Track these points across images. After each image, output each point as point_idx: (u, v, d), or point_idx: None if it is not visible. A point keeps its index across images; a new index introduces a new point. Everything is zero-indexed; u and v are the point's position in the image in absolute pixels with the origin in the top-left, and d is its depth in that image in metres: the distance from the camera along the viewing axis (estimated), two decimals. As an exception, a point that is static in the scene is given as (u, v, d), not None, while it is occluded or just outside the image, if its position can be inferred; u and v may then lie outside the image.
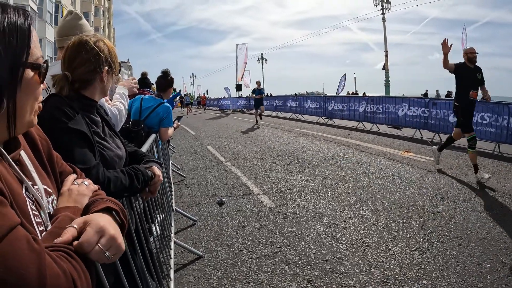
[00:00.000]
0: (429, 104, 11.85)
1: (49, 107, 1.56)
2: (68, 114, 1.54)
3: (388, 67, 28.01)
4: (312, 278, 3.30)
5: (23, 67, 0.85)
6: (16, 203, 0.78)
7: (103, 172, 1.54)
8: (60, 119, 1.51)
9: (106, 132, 1.83)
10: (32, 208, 0.87)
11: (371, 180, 6.43)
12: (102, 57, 1.70)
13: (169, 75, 4.65)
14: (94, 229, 0.89)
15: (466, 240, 3.88)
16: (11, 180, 0.81)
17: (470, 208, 4.87)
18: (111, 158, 1.72)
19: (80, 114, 1.61)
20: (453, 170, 7.03)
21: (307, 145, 10.70)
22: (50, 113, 1.53)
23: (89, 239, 0.87)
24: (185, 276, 3.50)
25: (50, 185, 1.05)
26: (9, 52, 0.81)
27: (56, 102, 1.58)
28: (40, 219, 0.90)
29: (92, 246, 0.87)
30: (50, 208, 0.99)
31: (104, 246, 0.89)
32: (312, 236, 4.18)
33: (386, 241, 3.94)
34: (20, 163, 0.94)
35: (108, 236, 0.91)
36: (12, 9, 0.85)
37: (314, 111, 20.03)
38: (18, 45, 0.83)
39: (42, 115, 1.58)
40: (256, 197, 5.80)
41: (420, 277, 3.20)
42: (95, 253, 0.87)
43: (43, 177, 1.03)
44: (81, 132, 1.54)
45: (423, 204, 5.07)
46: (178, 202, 5.74)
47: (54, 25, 28.93)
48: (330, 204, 5.28)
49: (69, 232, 0.87)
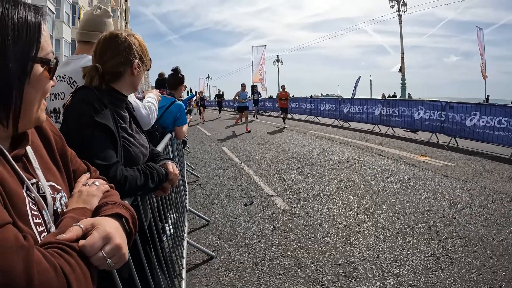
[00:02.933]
0: (445, 108, 11.69)
1: (77, 100, 1.58)
2: (95, 108, 1.54)
3: (404, 69, 27.74)
4: (324, 282, 3.28)
5: (32, 61, 0.85)
6: (13, 202, 0.78)
7: (121, 171, 1.54)
8: (87, 112, 1.52)
9: (133, 128, 1.84)
10: (32, 208, 0.85)
11: (386, 184, 6.37)
12: (134, 50, 1.72)
13: (179, 73, 4.66)
14: (100, 234, 0.88)
15: (481, 247, 3.82)
16: (10, 179, 0.80)
17: (486, 214, 4.78)
18: (136, 154, 1.73)
19: (109, 109, 1.61)
20: (469, 175, 6.92)
21: (322, 147, 10.65)
22: (78, 105, 1.55)
23: (93, 243, 0.86)
24: (197, 276, 3.51)
25: (60, 181, 1.05)
26: (18, 46, 0.81)
27: (85, 94, 1.59)
28: (40, 219, 0.88)
29: (95, 251, 0.85)
30: (57, 205, 0.99)
31: (107, 254, 0.87)
32: (325, 239, 4.16)
33: (400, 246, 3.90)
34: (25, 160, 0.93)
35: (113, 244, 0.89)
36: (22, 5, 0.85)
37: (329, 114, 19.93)
38: (28, 39, 0.84)
39: (69, 107, 1.61)
40: (270, 199, 5.80)
41: (434, 284, 3.16)
42: (96, 259, 0.86)
43: (51, 173, 1.03)
44: (106, 127, 1.54)
45: (439, 210, 5.00)
46: (192, 202, 5.77)
47: (72, 25, 29.43)
48: (344, 207, 5.25)
49: (74, 231, 0.86)
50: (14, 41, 0.80)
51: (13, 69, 0.80)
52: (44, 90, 0.93)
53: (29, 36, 0.85)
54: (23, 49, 0.83)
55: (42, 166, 0.99)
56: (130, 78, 1.76)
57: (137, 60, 1.74)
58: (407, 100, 15.21)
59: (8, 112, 0.82)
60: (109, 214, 1.00)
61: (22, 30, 0.83)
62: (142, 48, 1.79)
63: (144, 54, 1.80)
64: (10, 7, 0.82)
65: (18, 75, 0.82)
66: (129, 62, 1.72)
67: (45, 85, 0.93)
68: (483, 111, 10.23)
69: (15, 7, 0.83)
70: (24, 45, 0.83)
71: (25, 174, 0.89)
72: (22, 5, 0.85)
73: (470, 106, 10.84)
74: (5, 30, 0.79)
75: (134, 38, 1.76)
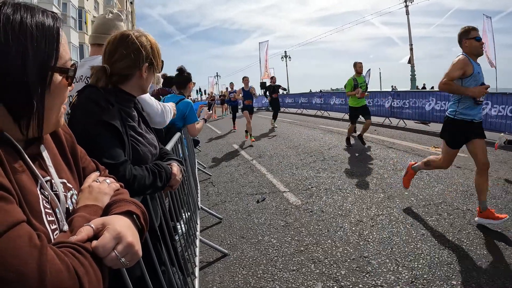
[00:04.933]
0: (457, 98, 11.51)
1: (84, 99, 1.57)
2: (102, 107, 1.54)
3: (413, 61, 27.46)
4: (338, 277, 3.27)
5: (52, 71, 0.86)
6: (27, 200, 0.79)
7: (130, 170, 1.54)
8: (94, 111, 1.52)
9: (142, 127, 1.83)
10: (45, 206, 0.86)
11: (398, 177, 6.29)
12: (143, 53, 1.69)
13: (184, 71, 4.67)
14: (111, 234, 0.89)
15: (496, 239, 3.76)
16: (24, 177, 0.82)
17: (501, 205, 4.71)
18: (144, 153, 1.73)
19: (116, 107, 1.61)
20: (484, 166, 6.81)
21: (333, 142, 10.60)
22: (84, 104, 1.55)
23: (105, 244, 0.86)
24: (210, 274, 3.52)
25: (71, 179, 1.06)
26: (38, 56, 0.82)
27: (92, 93, 1.59)
28: (53, 217, 0.89)
29: (108, 252, 0.86)
30: (69, 203, 1.00)
31: (120, 253, 0.88)
32: (338, 234, 4.15)
33: (414, 240, 3.87)
34: (39, 158, 0.95)
35: (125, 243, 0.90)
36: (41, 12, 0.86)
37: (339, 108, 19.76)
38: (47, 49, 0.85)
39: (76, 106, 1.61)
40: (282, 195, 5.79)
41: (449, 277, 3.12)
42: (110, 259, 0.86)
43: (63, 171, 1.04)
44: (113, 126, 1.54)
45: (452, 202, 4.94)
46: (204, 200, 5.79)
47: (78, 30, 29.77)
48: (357, 201, 5.22)
49: (85, 231, 0.87)
50: (34, 53, 0.81)
51: (33, 80, 0.81)
52: (62, 97, 0.95)
53: (48, 46, 0.85)
54: (42, 60, 0.84)
55: (55, 164, 1.00)
56: (138, 81, 1.74)
57: (146, 63, 1.72)
58: (418, 91, 15.00)
59: (29, 120, 0.84)
60: (119, 212, 1.00)
61: (41, 40, 0.84)
62: (153, 50, 1.75)
63: (155, 56, 1.77)
64: (28, 14, 0.83)
65: (38, 86, 0.83)
66: (138, 65, 1.69)
67: (64, 92, 0.95)
68: (494, 100, 10.04)
69: (33, 16, 0.84)
70: (44, 55, 0.84)
71: (39, 171, 0.90)
72: (40, 12, 0.86)
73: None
74: (25, 42, 0.80)
75: (145, 39, 1.73)
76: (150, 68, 1.75)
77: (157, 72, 1.84)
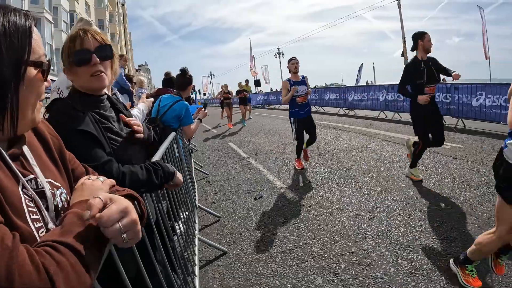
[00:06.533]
0: (450, 89, 11.54)
1: (54, 112, 1.57)
2: (71, 116, 1.53)
3: (406, 54, 27.51)
4: (338, 271, 3.28)
5: (25, 65, 0.88)
6: (8, 200, 0.79)
7: (117, 167, 1.54)
8: (64, 122, 1.50)
9: (121, 127, 1.81)
10: (28, 204, 0.86)
11: (395, 170, 6.33)
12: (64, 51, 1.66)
13: (187, 73, 4.65)
14: (118, 207, 0.91)
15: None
16: (5, 178, 0.82)
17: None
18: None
19: (87, 113, 1.59)
20: (478, 156, 6.85)
21: (329, 137, 10.60)
22: (55, 118, 1.53)
23: (111, 215, 0.88)
24: (210, 272, 3.52)
25: (58, 178, 1.06)
26: (11, 51, 0.84)
27: (59, 106, 1.59)
28: (37, 215, 0.89)
29: (112, 222, 0.87)
30: (57, 200, 1.00)
31: (124, 227, 0.89)
32: (337, 228, 4.15)
33: (412, 231, 3.88)
34: (22, 157, 0.95)
35: (130, 218, 0.92)
36: (12, 11, 0.88)
37: (334, 103, 19.77)
38: (20, 44, 0.87)
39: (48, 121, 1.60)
40: (280, 191, 5.80)
41: (449, 267, 3.13)
42: (112, 231, 0.88)
43: (50, 171, 1.04)
44: (87, 132, 1.53)
45: (450, 192, 4.96)
46: (202, 199, 5.78)
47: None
48: (354, 195, 5.23)
49: (96, 204, 0.89)
50: (7, 48, 0.83)
51: (7, 74, 0.83)
52: (39, 91, 0.96)
53: (21, 41, 0.87)
54: (15, 55, 0.86)
55: (40, 164, 1.01)
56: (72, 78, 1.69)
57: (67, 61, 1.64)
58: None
59: (4, 115, 0.84)
60: (121, 195, 1.02)
61: (14, 36, 0.85)
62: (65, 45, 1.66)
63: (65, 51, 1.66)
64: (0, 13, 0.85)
65: (12, 80, 0.84)
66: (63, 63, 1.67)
67: (39, 87, 0.95)
68: (488, 90, 10.08)
69: (5, 14, 0.86)
70: (16, 50, 0.86)
71: (22, 171, 0.91)
72: (12, 11, 0.88)
73: (475, 86, 10.69)
74: None
75: (68, 37, 1.67)
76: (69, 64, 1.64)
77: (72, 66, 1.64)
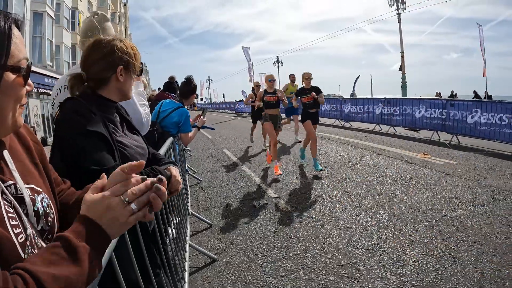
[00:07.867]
0: (446, 106, 11.64)
1: (67, 111, 1.57)
2: (85, 116, 1.53)
3: (404, 68, 27.71)
4: (327, 283, 3.28)
5: (1, 69, 0.85)
6: None
7: None
8: (78, 122, 1.51)
9: (126, 131, 1.83)
10: (8, 210, 0.86)
11: (388, 184, 6.36)
12: (117, 55, 1.66)
13: (192, 82, 4.66)
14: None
15: (484, 246, 3.80)
16: None
17: (489, 212, 4.77)
18: (132, 155, 1.72)
19: (99, 115, 1.60)
20: (471, 173, 6.89)
21: (324, 148, 10.63)
22: (68, 116, 1.54)
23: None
24: (199, 279, 3.51)
25: (40, 184, 1.05)
26: None
27: (74, 105, 1.58)
28: (17, 221, 0.88)
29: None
30: (38, 206, 0.98)
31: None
32: (327, 241, 4.16)
33: (403, 246, 3.89)
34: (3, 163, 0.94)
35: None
36: None
37: (330, 114, 19.85)
38: None
39: (60, 119, 1.61)
40: (272, 201, 5.80)
41: (437, 283, 3.15)
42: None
43: (31, 176, 1.03)
44: (99, 133, 1.54)
45: (441, 208, 4.99)
46: (194, 205, 5.77)
47: (71, 30, 29.56)
48: (346, 208, 5.24)
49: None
50: None
51: None
52: (18, 96, 0.92)
53: None
54: None
55: (21, 169, 0.99)
56: (116, 84, 1.71)
57: (121, 65, 1.69)
58: (408, 98, 15.14)
59: None
60: None
61: None
62: (128, 52, 1.72)
63: (131, 57, 1.73)
64: None
65: None
66: (112, 67, 1.67)
67: (18, 92, 0.92)
68: (484, 108, 10.18)
69: None
70: None
71: (2, 177, 0.90)
72: None
73: (471, 103, 10.81)
74: None
75: (119, 42, 1.70)
76: (126, 70, 1.72)
77: (135, 75, 1.79)
